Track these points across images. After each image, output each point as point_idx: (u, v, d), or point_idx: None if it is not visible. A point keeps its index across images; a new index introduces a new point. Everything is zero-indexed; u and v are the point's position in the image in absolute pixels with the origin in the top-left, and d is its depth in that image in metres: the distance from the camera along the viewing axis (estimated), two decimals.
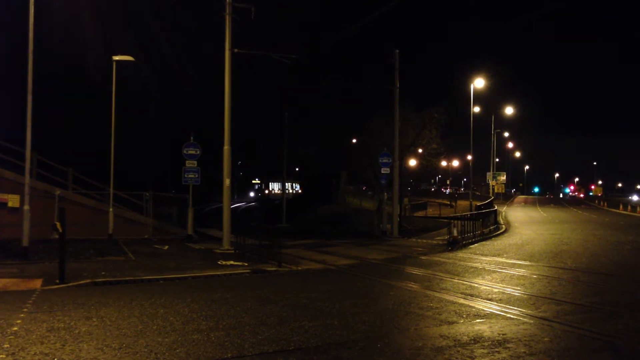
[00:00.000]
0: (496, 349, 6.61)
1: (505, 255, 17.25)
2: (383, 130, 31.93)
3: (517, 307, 9.12)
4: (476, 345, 6.77)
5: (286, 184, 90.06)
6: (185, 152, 20.77)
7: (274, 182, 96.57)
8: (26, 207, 14.39)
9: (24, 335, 7.00)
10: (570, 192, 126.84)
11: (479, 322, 8.05)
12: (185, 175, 20.85)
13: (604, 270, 14.02)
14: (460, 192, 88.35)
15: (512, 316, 8.48)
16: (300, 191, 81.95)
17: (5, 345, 6.52)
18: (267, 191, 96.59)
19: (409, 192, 51.07)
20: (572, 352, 6.66)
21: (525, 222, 35.73)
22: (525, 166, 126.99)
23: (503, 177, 62.04)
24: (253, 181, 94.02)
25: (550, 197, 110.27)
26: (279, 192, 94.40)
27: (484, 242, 21.95)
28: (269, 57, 20.26)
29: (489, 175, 59.93)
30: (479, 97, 44.98)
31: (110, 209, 20.76)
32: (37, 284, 10.92)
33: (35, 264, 13.58)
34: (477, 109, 45.21)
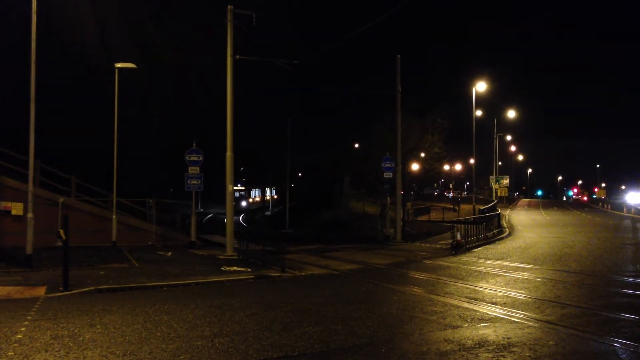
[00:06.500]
0: (501, 353, 6.59)
1: (509, 259, 17.21)
2: (386, 135, 32.03)
3: (522, 311, 9.09)
4: (481, 350, 6.75)
5: (267, 189, 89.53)
6: (187, 158, 20.79)
7: (256, 189, 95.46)
8: (30, 215, 14.40)
9: (28, 342, 7.00)
10: (574, 194, 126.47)
11: (484, 326, 8.03)
12: (188, 182, 20.87)
13: (608, 274, 13.97)
14: (463, 195, 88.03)
15: (516, 320, 8.45)
16: (276, 197, 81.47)
17: (10, 353, 6.52)
18: (250, 199, 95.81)
19: (412, 197, 51.02)
20: (578, 355, 6.63)
21: (529, 225, 35.65)
22: (528, 169, 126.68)
23: (506, 181, 61.93)
24: (235, 187, 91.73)
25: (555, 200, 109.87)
26: (258, 199, 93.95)
27: (487, 246, 21.90)
28: (272, 63, 20.32)
29: (492, 178, 59.87)
30: (482, 101, 45.02)
31: (114, 216, 20.79)
32: (40, 291, 10.93)
33: (39, 271, 13.59)
34: (479, 113, 45.20)
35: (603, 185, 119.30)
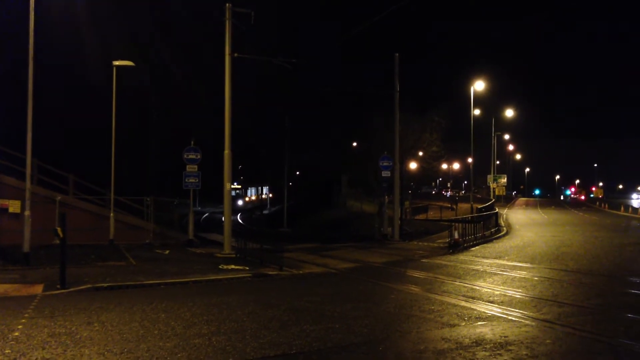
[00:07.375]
0: (498, 352, 6.60)
1: (506, 258, 17.23)
2: (384, 133, 31.96)
3: (519, 310, 9.10)
4: (478, 348, 6.76)
5: (264, 188, 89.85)
6: (185, 156, 20.79)
7: (252, 188, 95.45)
8: (27, 212, 14.39)
9: (25, 340, 6.99)
10: (572, 194, 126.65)
11: (481, 325, 8.04)
12: (186, 180, 20.86)
13: (605, 272, 14.00)
14: (461, 194, 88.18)
15: (513, 318, 8.47)
16: (271, 196, 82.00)
17: (7, 351, 6.51)
18: (247, 198, 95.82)
19: (409, 195, 51.02)
20: (574, 354, 6.65)
21: (527, 224, 35.69)
22: (526, 168, 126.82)
23: (504, 180, 61.86)
24: (232, 186, 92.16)
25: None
26: (254, 198, 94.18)
27: (485, 245, 21.92)
28: (269, 61, 20.28)
29: (490, 177, 59.81)
30: (480, 100, 45.01)
31: (111, 214, 20.75)
32: (38, 289, 10.92)
33: (36, 269, 13.58)
34: (477, 112, 45.24)
35: (600, 184, 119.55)
